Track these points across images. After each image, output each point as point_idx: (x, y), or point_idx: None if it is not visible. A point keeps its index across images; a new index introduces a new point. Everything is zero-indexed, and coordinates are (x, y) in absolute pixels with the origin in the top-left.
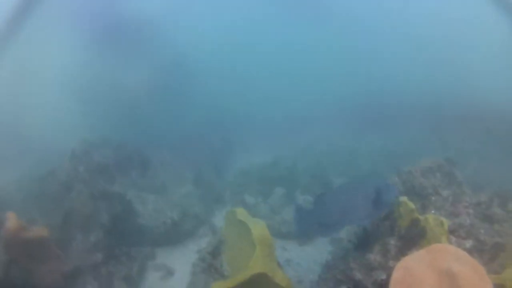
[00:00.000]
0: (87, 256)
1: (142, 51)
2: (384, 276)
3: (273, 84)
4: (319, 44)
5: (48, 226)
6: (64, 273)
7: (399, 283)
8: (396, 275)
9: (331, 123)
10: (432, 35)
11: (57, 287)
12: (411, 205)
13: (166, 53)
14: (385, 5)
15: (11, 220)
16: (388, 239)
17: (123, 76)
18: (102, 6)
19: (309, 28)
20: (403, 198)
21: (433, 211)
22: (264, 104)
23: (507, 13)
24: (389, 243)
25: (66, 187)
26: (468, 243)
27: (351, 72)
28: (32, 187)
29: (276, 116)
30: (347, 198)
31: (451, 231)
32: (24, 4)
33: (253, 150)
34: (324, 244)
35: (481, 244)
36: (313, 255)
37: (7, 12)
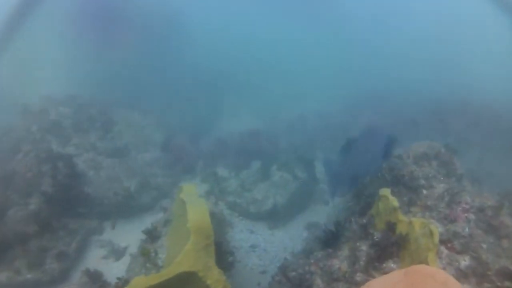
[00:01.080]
0: (21, 226)
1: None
2: None
3: (271, 52)
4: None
5: None
6: None
7: None
8: None
9: (328, 99)
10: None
11: None
12: (394, 202)
13: (153, 9)
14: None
15: None
16: (360, 243)
17: (102, 32)
18: None
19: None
20: (385, 191)
21: (419, 214)
22: (259, 71)
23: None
24: (360, 248)
25: (14, 147)
26: (464, 261)
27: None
28: None
29: (270, 86)
30: (365, 149)
31: (443, 241)
32: None
33: (240, 117)
34: (298, 228)
35: (482, 266)
36: (283, 240)
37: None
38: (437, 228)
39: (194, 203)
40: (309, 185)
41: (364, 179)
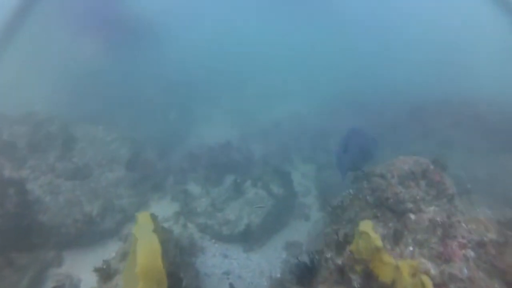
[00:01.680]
0: None
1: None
2: None
3: (247, 52)
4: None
5: None
6: None
7: None
8: None
9: (306, 101)
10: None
11: None
12: (377, 241)
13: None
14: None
15: None
16: None
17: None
18: None
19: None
20: (366, 225)
21: (410, 248)
22: (236, 73)
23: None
24: None
25: None
26: None
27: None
28: None
29: (247, 89)
30: (358, 144)
31: (437, 286)
32: None
33: (214, 125)
34: (276, 249)
35: None
36: (260, 264)
37: None
38: (430, 281)
39: (145, 241)
40: (287, 201)
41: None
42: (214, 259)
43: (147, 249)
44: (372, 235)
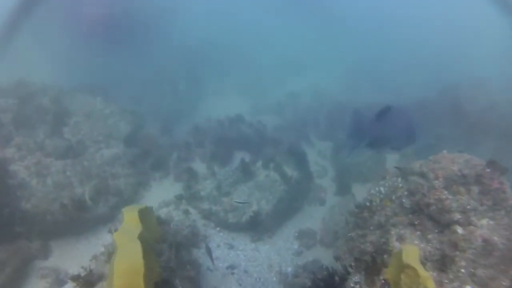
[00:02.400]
0: None
1: None
2: None
3: (261, 22)
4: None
5: None
6: None
7: None
8: None
9: (324, 73)
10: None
11: None
12: (429, 282)
13: None
14: None
15: None
16: None
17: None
18: None
19: None
20: (411, 254)
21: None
22: (248, 42)
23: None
24: None
25: None
26: None
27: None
28: None
29: (260, 59)
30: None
31: None
32: None
33: (226, 96)
34: (288, 239)
35: None
36: (269, 256)
37: None
38: None
39: (125, 256)
40: (302, 184)
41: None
42: (219, 250)
43: (125, 267)
44: (421, 273)
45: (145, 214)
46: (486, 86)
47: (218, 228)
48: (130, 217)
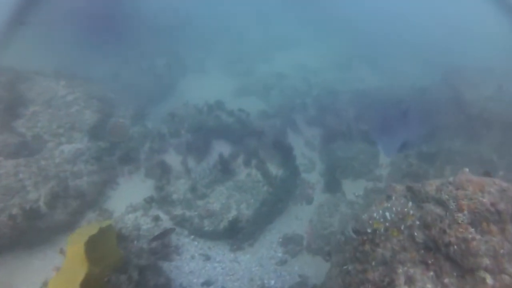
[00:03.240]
0: None
1: None
2: None
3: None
4: None
5: None
6: None
7: None
8: None
9: (314, 52)
10: None
11: None
12: None
13: None
14: None
15: None
16: None
17: None
18: None
19: None
20: None
21: None
22: (234, 20)
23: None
24: None
25: None
26: None
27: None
28: None
29: (246, 35)
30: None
31: None
32: None
33: (208, 73)
34: (271, 247)
35: None
36: (250, 269)
37: None
38: None
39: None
40: (288, 182)
41: None
42: (193, 262)
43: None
44: None
45: (100, 237)
46: (492, 70)
47: (192, 237)
48: (73, 252)
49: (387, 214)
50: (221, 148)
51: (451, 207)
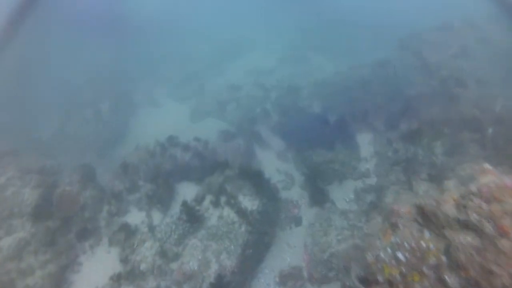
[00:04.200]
0: None
1: None
2: None
3: None
4: None
5: None
6: None
7: None
8: None
9: (269, 50)
10: None
11: None
12: None
13: None
14: None
15: None
16: None
17: None
18: None
19: None
20: None
21: None
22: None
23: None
24: None
25: None
26: None
27: None
28: None
29: (196, 46)
30: None
31: None
32: None
33: (160, 105)
34: None
35: None
36: None
37: None
38: None
39: None
40: (267, 210)
41: None
42: None
43: None
44: None
45: None
46: (452, 29)
47: None
48: None
49: (399, 254)
50: (186, 190)
51: (488, 231)
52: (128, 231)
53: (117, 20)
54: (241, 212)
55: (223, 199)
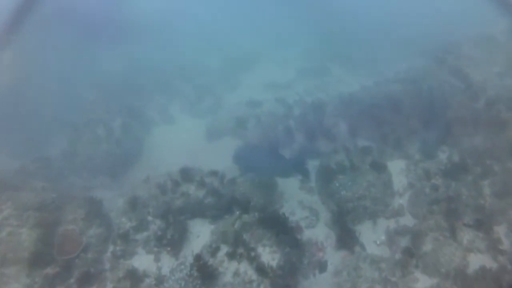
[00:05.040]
0: None
1: None
2: None
3: None
4: None
5: None
6: None
7: None
8: None
9: (284, 63)
10: None
11: None
12: None
13: None
14: None
15: None
16: None
17: None
18: None
19: None
20: None
21: None
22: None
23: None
24: None
25: None
26: None
27: None
28: None
29: (209, 61)
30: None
31: None
32: None
33: (175, 122)
34: None
35: None
36: None
37: None
38: None
39: None
40: (289, 262)
41: None
42: None
43: None
44: None
45: None
46: (494, 41)
47: None
48: None
49: None
50: (199, 229)
51: None
52: (135, 278)
53: (126, 28)
54: (260, 269)
55: (239, 250)
